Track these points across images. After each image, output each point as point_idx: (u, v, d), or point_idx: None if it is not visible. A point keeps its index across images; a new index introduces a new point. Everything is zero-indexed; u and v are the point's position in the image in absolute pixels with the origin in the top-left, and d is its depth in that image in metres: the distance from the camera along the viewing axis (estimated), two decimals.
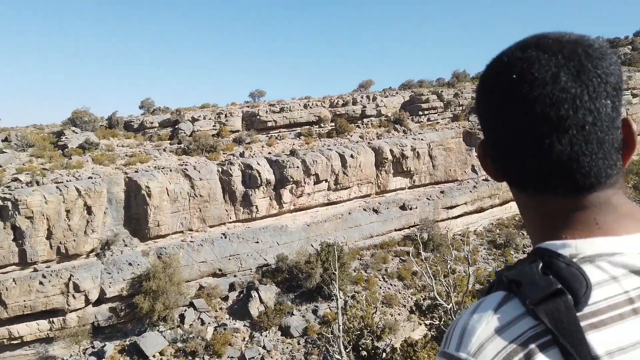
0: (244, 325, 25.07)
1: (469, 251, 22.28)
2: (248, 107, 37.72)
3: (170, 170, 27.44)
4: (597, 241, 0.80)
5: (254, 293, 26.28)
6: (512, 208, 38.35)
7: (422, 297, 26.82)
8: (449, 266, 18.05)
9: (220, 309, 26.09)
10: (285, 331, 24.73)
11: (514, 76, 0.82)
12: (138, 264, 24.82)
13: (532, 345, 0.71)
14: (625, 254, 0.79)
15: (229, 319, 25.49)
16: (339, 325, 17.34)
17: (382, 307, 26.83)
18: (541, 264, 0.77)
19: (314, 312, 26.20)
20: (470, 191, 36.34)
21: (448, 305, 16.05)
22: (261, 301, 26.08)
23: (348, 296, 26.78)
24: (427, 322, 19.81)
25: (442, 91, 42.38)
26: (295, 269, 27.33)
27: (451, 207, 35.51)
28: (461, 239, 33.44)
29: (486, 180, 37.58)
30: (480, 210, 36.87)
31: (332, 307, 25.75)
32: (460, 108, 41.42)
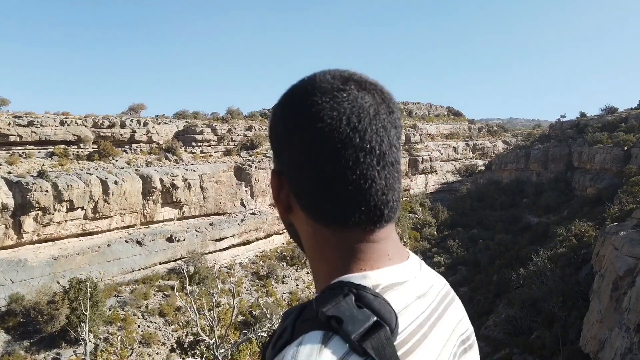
0: None
1: (234, 283, 22.75)
2: None
3: None
4: (390, 271, 0.83)
5: None
6: (275, 241, 40.98)
7: (184, 333, 25.91)
8: (214, 299, 17.95)
9: None
10: None
11: (344, 108, 0.80)
12: None
13: None
14: (409, 280, 0.86)
15: None
16: None
17: (139, 347, 24.78)
18: (354, 297, 0.74)
19: None
20: (239, 224, 37.45)
21: (211, 340, 15.86)
22: None
23: (100, 339, 23.91)
24: (188, 359, 19.16)
25: (216, 125, 43.18)
26: (33, 311, 23.14)
27: (219, 240, 35.81)
28: (227, 272, 33.92)
29: (253, 214, 39.39)
30: (247, 242, 38.23)
31: (78, 353, 22.55)
32: (233, 143, 42.89)
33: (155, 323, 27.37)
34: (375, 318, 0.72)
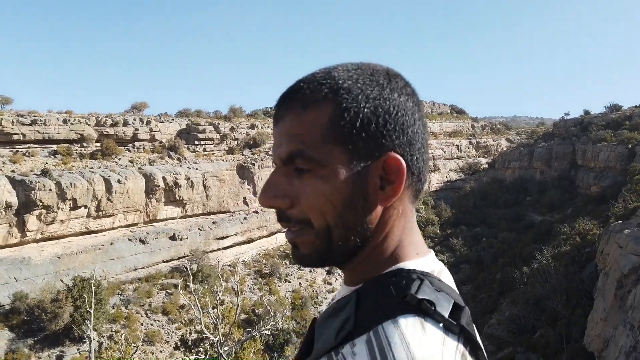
0: None
1: (237, 282, 22.77)
2: None
3: None
4: (430, 258, 0.85)
5: None
6: (278, 239, 40.97)
7: (188, 331, 25.98)
8: (217, 297, 17.97)
9: None
10: None
11: (417, 97, 0.86)
12: None
13: (469, 358, 0.71)
14: (444, 268, 0.86)
15: None
16: None
17: (143, 345, 24.85)
18: (428, 282, 0.76)
19: (59, 358, 22.63)
20: (241, 222, 37.48)
21: (215, 337, 15.89)
22: None
23: (104, 337, 24.00)
24: (192, 357, 19.21)
25: (218, 123, 43.18)
26: (37, 309, 23.23)
27: (222, 238, 35.85)
28: (230, 270, 33.96)
29: (256, 212, 39.42)
30: (250, 241, 38.26)
31: (82, 350, 22.64)
32: (236, 142, 42.88)
33: (159, 321, 27.45)
34: (453, 300, 0.75)
